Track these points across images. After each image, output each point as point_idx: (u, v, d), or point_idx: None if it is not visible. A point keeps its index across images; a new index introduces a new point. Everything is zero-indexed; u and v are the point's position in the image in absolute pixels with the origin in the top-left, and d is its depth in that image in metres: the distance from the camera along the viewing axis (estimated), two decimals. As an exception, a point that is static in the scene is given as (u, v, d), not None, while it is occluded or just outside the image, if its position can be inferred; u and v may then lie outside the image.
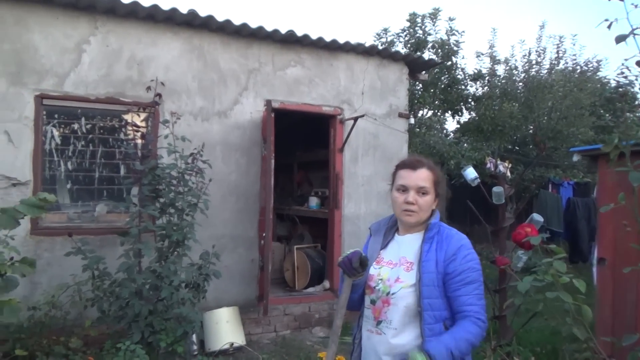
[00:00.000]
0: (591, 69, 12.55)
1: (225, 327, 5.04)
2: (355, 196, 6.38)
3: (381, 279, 1.93)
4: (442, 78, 11.74)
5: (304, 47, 6.08)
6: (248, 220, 5.73)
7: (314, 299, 6.12)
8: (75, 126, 5.08)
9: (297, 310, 5.94)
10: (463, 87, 12.03)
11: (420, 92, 11.42)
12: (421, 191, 1.92)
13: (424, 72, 7.27)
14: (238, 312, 5.26)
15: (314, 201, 7.50)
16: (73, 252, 4.14)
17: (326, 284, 6.36)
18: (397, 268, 1.93)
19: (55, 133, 4.99)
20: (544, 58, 11.80)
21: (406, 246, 1.96)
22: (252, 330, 5.57)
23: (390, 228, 2.07)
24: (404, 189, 1.93)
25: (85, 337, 4.43)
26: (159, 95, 4.99)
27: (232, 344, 4.98)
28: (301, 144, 8.43)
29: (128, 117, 5.18)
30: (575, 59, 12.14)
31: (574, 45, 12.40)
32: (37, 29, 4.81)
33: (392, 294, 1.88)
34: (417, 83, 10.99)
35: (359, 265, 1.85)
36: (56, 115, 4.99)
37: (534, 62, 11.78)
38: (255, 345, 5.29)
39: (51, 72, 4.86)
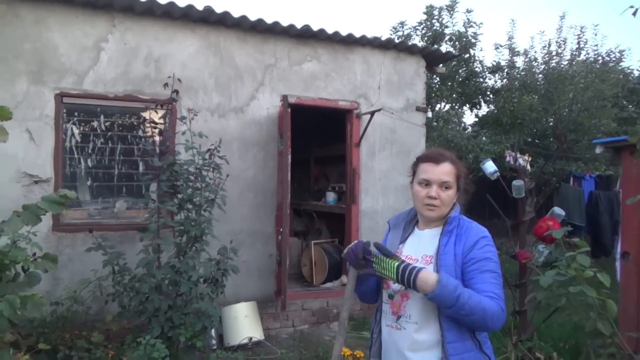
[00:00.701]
0: (613, 59, 12.24)
1: (244, 322, 5.07)
2: (372, 191, 6.35)
3: None
4: (460, 71, 11.59)
5: (320, 42, 6.05)
6: (265, 216, 5.75)
7: (332, 294, 6.11)
8: (95, 124, 5.15)
9: (315, 305, 5.95)
10: (481, 79, 11.87)
11: (437, 86, 11.30)
12: (444, 185, 1.88)
13: (441, 65, 7.19)
14: (256, 307, 5.29)
15: (331, 196, 7.50)
16: (94, 248, 4.21)
17: (344, 279, 6.35)
18: (417, 264, 1.90)
19: (75, 131, 5.06)
20: (564, 49, 11.54)
21: (426, 242, 1.93)
22: (270, 325, 5.59)
23: (410, 222, 2.04)
24: (427, 183, 1.90)
25: (106, 332, 4.51)
26: (176, 92, 5.04)
27: (251, 338, 5.01)
28: (318, 138, 8.41)
29: (146, 114, 5.24)
30: (596, 50, 11.84)
31: (595, 35, 12.16)
32: (56, 28, 4.88)
33: None
34: (435, 76, 10.88)
35: (363, 257, 1.82)
36: (76, 113, 5.06)
37: (554, 53, 11.52)
38: (273, 340, 5.32)
39: (71, 70, 4.93)
